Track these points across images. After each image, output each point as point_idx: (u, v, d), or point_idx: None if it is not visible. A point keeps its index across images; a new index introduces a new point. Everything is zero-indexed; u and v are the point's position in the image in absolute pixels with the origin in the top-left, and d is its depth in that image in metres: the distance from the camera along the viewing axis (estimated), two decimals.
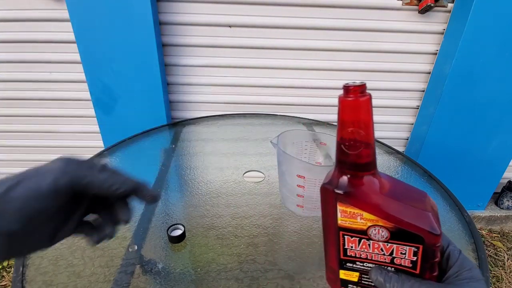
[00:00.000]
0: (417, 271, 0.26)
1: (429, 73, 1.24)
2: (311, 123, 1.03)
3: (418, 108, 1.32)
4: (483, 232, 1.49)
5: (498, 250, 1.37)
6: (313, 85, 1.25)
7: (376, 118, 1.13)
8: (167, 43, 1.14)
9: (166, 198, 0.61)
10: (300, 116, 1.09)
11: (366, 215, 0.25)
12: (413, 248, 0.25)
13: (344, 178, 0.26)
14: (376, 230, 0.26)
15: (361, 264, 0.28)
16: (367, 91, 0.24)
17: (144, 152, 0.80)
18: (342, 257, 0.28)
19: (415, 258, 0.25)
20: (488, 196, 1.43)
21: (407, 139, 1.40)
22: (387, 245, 0.26)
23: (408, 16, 1.14)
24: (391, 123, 1.36)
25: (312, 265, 0.46)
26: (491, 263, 1.30)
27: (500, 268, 1.27)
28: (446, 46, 1.15)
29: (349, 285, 0.30)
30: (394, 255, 0.26)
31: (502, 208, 1.51)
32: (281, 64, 1.21)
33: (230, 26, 1.13)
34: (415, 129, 1.35)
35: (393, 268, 0.27)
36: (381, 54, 1.20)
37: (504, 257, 1.32)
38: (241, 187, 0.65)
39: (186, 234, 0.50)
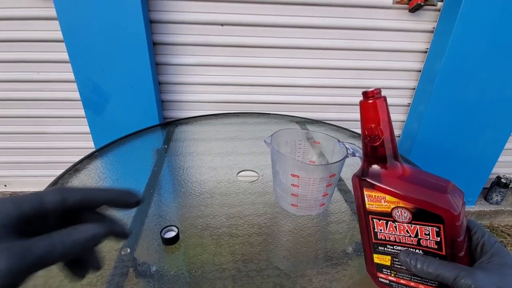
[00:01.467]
0: (443, 253, 0.28)
1: (420, 71, 1.25)
2: (304, 122, 1.03)
3: (409, 106, 1.34)
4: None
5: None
6: (306, 84, 1.26)
7: None
8: (159, 42, 1.13)
9: (159, 199, 0.60)
10: (293, 115, 1.09)
11: (388, 197, 0.29)
12: (435, 228, 0.27)
13: (369, 168, 0.31)
14: (399, 212, 0.29)
15: (391, 247, 0.31)
16: (381, 93, 0.30)
17: (136, 152, 0.79)
18: (374, 240, 0.32)
19: (438, 239, 0.27)
20: (478, 191, 1.46)
21: (399, 136, 1.42)
22: (411, 226, 0.28)
23: (399, 15, 1.15)
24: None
25: (308, 263, 0.46)
26: None
27: None
28: (436, 44, 1.16)
29: (383, 270, 0.32)
30: (419, 237, 0.29)
31: (491, 203, 1.54)
32: (273, 63, 1.21)
33: (222, 25, 1.12)
34: (406, 127, 1.36)
35: (421, 251, 0.29)
36: (372, 52, 1.21)
37: None
38: (235, 187, 0.64)
39: (180, 236, 0.50)
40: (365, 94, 0.30)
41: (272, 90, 1.27)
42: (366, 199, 0.31)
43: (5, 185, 1.47)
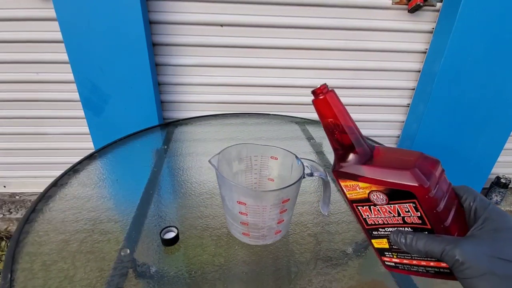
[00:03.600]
0: (429, 226, 0.27)
1: (419, 71, 1.26)
2: (304, 122, 1.03)
3: (408, 106, 1.34)
4: None
5: None
6: (305, 84, 1.26)
7: (367, 116, 1.15)
8: (158, 43, 1.13)
9: (159, 200, 0.60)
10: (293, 115, 1.09)
11: (361, 184, 0.30)
12: (411, 204, 0.27)
13: (338, 159, 0.32)
14: (375, 195, 0.29)
15: (383, 230, 0.31)
16: (328, 88, 0.32)
17: (136, 153, 0.79)
18: (366, 227, 0.32)
19: (418, 213, 0.27)
20: (477, 191, 1.46)
21: (398, 137, 1.42)
22: (391, 206, 0.29)
23: (398, 15, 1.15)
24: (383, 121, 1.37)
25: (308, 264, 0.46)
26: None
27: None
28: (435, 45, 1.16)
29: (385, 253, 0.33)
30: (402, 215, 0.29)
31: None
32: (273, 63, 1.21)
33: (221, 25, 1.13)
34: (406, 127, 1.37)
35: (410, 228, 0.29)
36: (371, 53, 1.21)
37: None
38: None
39: (180, 237, 0.50)
40: (314, 92, 0.32)
41: (272, 90, 1.27)
42: (344, 189, 0.32)
43: (4, 186, 1.47)
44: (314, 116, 1.30)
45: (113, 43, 1.03)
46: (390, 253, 0.32)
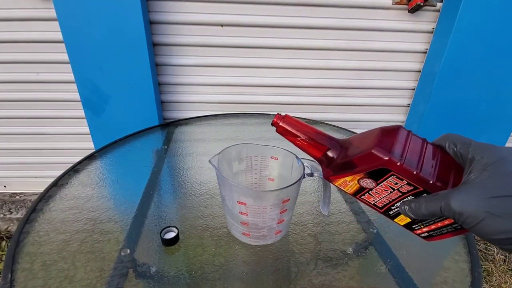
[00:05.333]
0: (421, 189, 0.27)
1: (419, 71, 1.25)
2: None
3: (409, 106, 1.34)
4: None
5: (488, 244, 1.40)
6: (305, 84, 1.26)
7: (367, 116, 1.15)
8: (158, 43, 1.13)
9: (159, 200, 0.60)
10: (293, 115, 1.09)
11: (347, 178, 0.31)
12: (393, 176, 0.28)
13: (322, 165, 0.35)
14: (364, 182, 0.31)
15: (394, 207, 0.31)
16: (281, 114, 0.37)
17: (136, 153, 0.79)
18: (381, 211, 0.33)
19: (404, 181, 0.28)
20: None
21: None
22: (382, 185, 0.30)
23: (398, 15, 1.15)
24: (383, 122, 1.37)
25: (308, 264, 0.46)
26: (482, 257, 1.32)
27: (490, 262, 1.30)
28: (435, 45, 1.16)
29: (413, 227, 0.33)
30: (396, 188, 0.29)
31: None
32: (273, 63, 1.21)
33: (221, 25, 1.13)
34: (406, 127, 1.36)
35: (411, 196, 0.29)
36: (372, 53, 1.21)
37: (494, 251, 1.35)
38: None
39: (180, 237, 0.50)
40: (273, 124, 0.36)
41: (272, 90, 1.27)
42: (342, 188, 0.33)
43: (5, 186, 1.47)
44: (314, 116, 1.31)
45: (114, 43, 1.03)
46: (417, 225, 0.32)
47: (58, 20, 0.98)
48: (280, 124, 0.36)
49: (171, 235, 0.49)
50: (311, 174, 0.43)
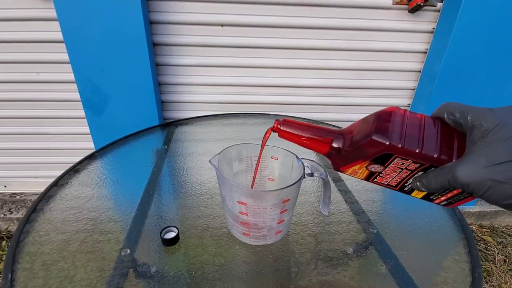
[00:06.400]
0: (427, 164, 0.27)
1: (420, 71, 1.25)
2: None
3: (409, 107, 1.33)
4: (473, 227, 1.51)
5: (488, 244, 1.40)
6: (306, 84, 1.26)
7: None
8: (158, 43, 1.13)
9: (159, 200, 0.60)
10: (293, 115, 1.09)
11: (355, 167, 0.32)
12: (397, 158, 0.28)
13: (330, 158, 0.35)
14: (372, 168, 0.31)
15: (407, 183, 0.32)
16: (280, 120, 0.37)
17: (136, 153, 0.79)
18: (397, 189, 0.33)
19: (409, 160, 0.28)
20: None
21: None
22: (389, 167, 0.30)
23: (398, 15, 1.15)
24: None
25: (308, 264, 0.46)
26: (482, 257, 1.32)
27: (491, 262, 1.30)
28: (435, 45, 1.16)
29: (431, 197, 0.33)
30: (403, 167, 0.29)
31: (492, 204, 1.54)
32: (273, 63, 1.21)
33: (221, 25, 1.13)
34: None
35: (421, 172, 0.29)
36: (372, 53, 1.21)
37: (494, 252, 1.35)
38: None
39: (180, 236, 0.50)
40: (274, 130, 0.37)
41: (272, 90, 1.27)
42: (354, 176, 0.34)
43: (5, 186, 1.47)
44: (314, 116, 1.31)
45: (114, 43, 1.03)
46: (434, 196, 0.32)
47: (58, 20, 0.98)
48: (281, 128, 0.36)
49: (171, 235, 0.49)
50: (311, 174, 0.43)
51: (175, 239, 0.49)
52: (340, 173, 0.71)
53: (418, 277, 0.45)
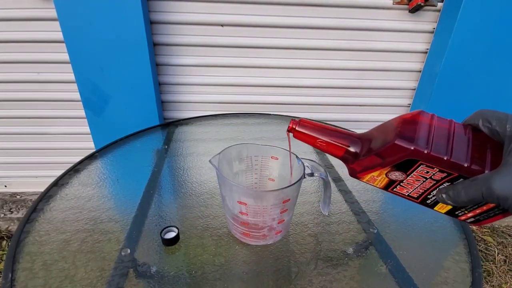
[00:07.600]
0: (456, 174, 0.25)
1: (420, 71, 1.25)
2: None
3: (409, 107, 1.33)
4: (473, 227, 1.51)
5: (489, 244, 1.40)
6: (306, 84, 1.26)
7: (368, 116, 1.15)
8: (159, 43, 1.13)
9: (159, 200, 0.60)
10: (294, 115, 1.09)
11: (373, 173, 0.30)
12: (422, 165, 0.26)
13: (348, 164, 0.33)
14: (393, 175, 0.29)
15: (430, 196, 0.29)
16: (296, 119, 0.36)
17: (136, 153, 0.79)
18: (418, 201, 0.31)
19: (436, 169, 0.26)
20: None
21: None
22: (412, 176, 0.27)
23: (399, 15, 1.15)
24: (383, 122, 1.37)
25: (308, 264, 0.46)
26: (482, 258, 1.32)
27: (491, 262, 1.30)
28: (436, 45, 1.16)
29: (456, 213, 0.30)
30: (428, 177, 0.27)
31: None
32: (274, 63, 1.20)
33: (222, 25, 1.13)
34: None
35: (446, 183, 0.27)
36: (373, 53, 1.21)
37: (495, 252, 1.35)
38: None
39: (180, 236, 0.50)
40: (289, 130, 0.36)
41: (273, 90, 1.27)
42: (372, 184, 0.31)
43: (5, 186, 1.47)
44: (315, 116, 1.31)
45: (114, 43, 1.03)
46: (460, 211, 0.29)
47: (58, 20, 0.98)
48: (297, 128, 0.35)
49: (171, 235, 0.49)
50: (312, 174, 0.43)
51: (175, 239, 0.49)
52: (340, 173, 0.71)
53: (418, 277, 0.45)
